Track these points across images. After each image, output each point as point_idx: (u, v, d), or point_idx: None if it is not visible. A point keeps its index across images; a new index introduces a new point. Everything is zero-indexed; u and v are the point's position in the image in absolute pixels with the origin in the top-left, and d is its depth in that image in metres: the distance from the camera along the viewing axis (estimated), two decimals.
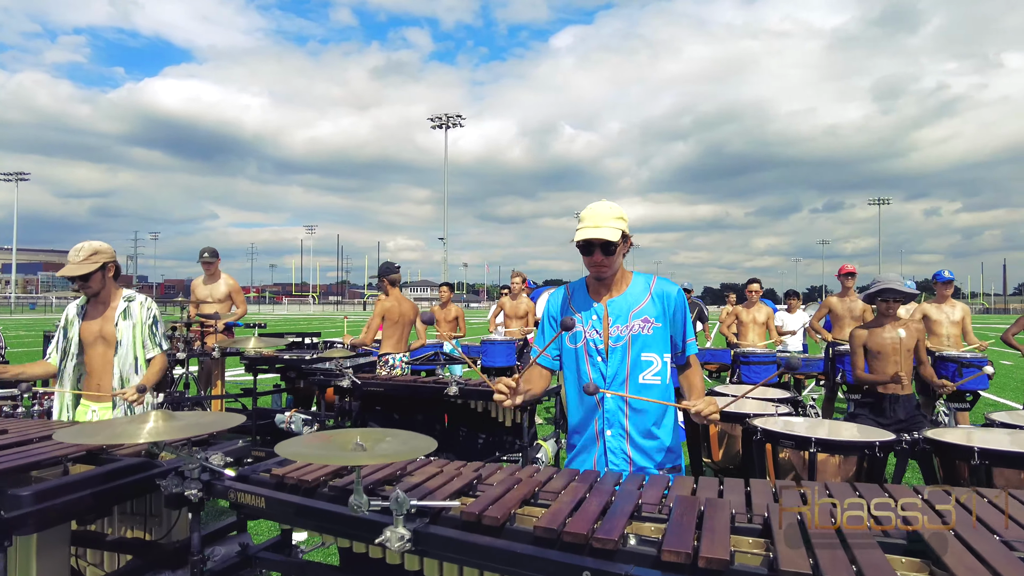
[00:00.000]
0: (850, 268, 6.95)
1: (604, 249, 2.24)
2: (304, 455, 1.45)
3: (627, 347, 2.28)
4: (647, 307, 2.31)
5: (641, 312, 2.30)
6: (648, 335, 2.28)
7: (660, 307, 2.31)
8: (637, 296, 2.33)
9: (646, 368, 2.28)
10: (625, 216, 2.30)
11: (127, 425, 1.80)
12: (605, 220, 2.24)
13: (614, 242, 2.23)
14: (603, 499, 1.64)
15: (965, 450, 3.11)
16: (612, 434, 2.31)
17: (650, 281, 2.38)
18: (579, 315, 2.37)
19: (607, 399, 2.30)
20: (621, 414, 2.31)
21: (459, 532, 1.54)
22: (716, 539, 1.38)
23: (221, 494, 1.88)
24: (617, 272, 2.35)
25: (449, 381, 4.12)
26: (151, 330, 3.34)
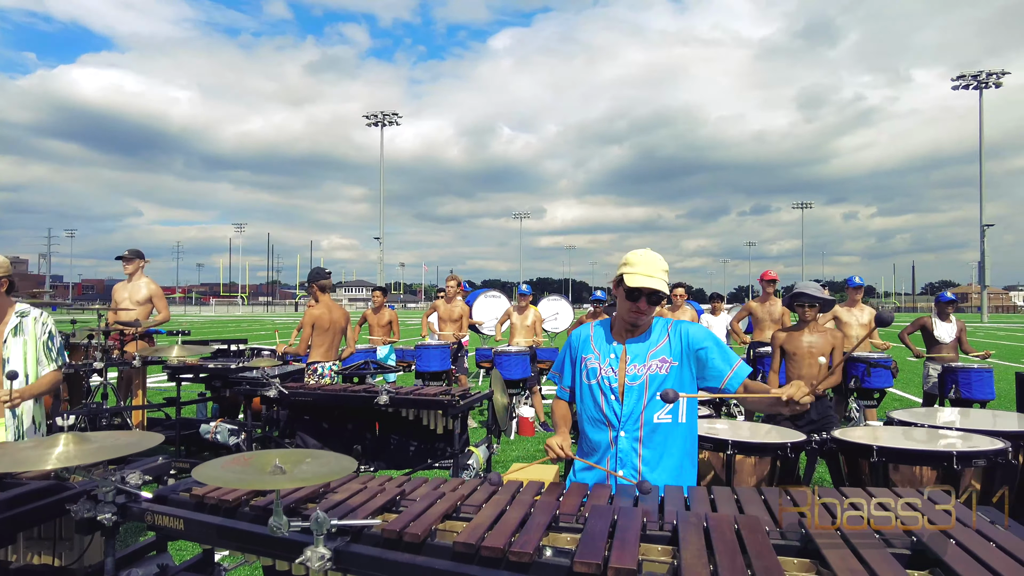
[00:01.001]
0: (772, 275, 7.31)
1: (650, 299, 2.30)
2: (222, 479, 1.44)
3: (644, 387, 2.32)
4: (664, 347, 2.36)
5: (659, 352, 2.35)
6: (665, 375, 2.32)
7: (677, 346, 2.35)
8: (656, 338, 2.39)
9: (660, 408, 2.31)
10: (667, 269, 2.36)
11: (32, 450, 1.72)
12: (657, 271, 2.30)
13: (663, 295, 2.31)
14: (522, 511, 1.70)
15: (865, 449, 3.34)
16: (624, 474, 2.32)
17: (667, 325, 2.44)
18: (597, 352, 2.42)
19: (621, 438, 2.32)
20: (635, 455, 2.32)
21: (380, 550, 1.56)
22: (626, 549, 1.45)
23: (138, 517, 1.83)
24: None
25: (380, 390, 4.10)
26: (47, 345, 3.17)
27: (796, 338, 4.23)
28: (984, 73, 43.27)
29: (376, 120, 55.06)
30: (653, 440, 2.32)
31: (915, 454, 3.27)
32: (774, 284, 7.33)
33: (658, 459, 2.33)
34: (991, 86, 43.41)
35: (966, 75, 43.92)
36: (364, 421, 4.67)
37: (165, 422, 5.85)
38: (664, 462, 2.34)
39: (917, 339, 7.01)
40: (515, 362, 7.23)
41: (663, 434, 2.33)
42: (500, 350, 7.44)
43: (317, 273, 5.64)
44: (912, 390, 10.44)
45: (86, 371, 4.93)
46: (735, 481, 3.49)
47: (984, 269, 41.55)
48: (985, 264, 41.42)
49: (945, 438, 3.54)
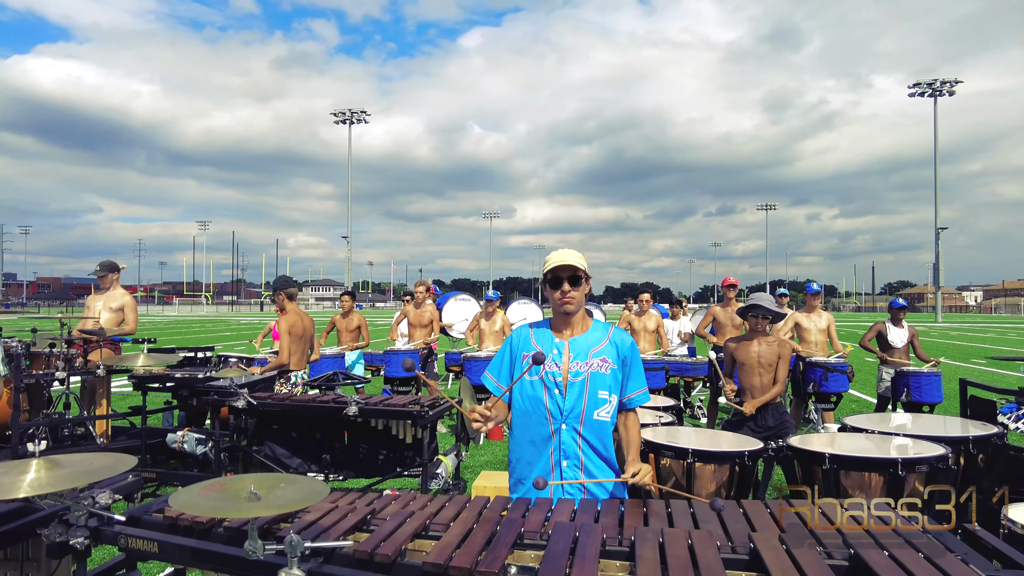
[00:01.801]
0: (732, 280, 7.52)
1: (572, 281, 2.43)
2: (199, 507, 1.49)
3: (585, 383, 2.41)
4: (606, 348, 2.46)
5: (600, 352, 2.45)
6: (605, 374, 2.43)
7: (615, 351, 2.47)
8: (597, 338, 2.49)
9: (601, 405, 2.42)
10: (584, 261, 2.49)
11: (3, 476, 1.74)
12: (570, 257, 2.44)
13: (580, 271, 2.44)
14: (489, 529, 1.78)
15: (818, 456, 3.51)
16: (568, 465, 2.42)
17: (608, 328, 2.56)
18: (539, 349, 2.45)
19: (563, 431, 2.41)
20: (575, 446, 2.42)
21: (352, 571, 1.62)
22: (585, 566, 1.54)
23: (110, 540, 1.86)
24: (579, 312, 2.50)
25: (349, 400, 4.13)
26: None
27: (746, 348, 4.40)
28: (939, 81, 44.78)
29: (344, 118, 54.54)
30: (592, 435, 2.43)
31: (864, 461, 3.44)
32: (735, 289, 7.54)
33: (599, 449, 2.45)
34: (945, 94, 44.94)
35: (922, 83, 45.41)
36: (333, 431, 4.69)
37: (130, 431, 5.77)
38: (606, 453, 2.47)
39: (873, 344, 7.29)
40: (484, 367, 7.29)
41: (602, 430, 2.45)
42: (469, 355, 7.50)
43: (285, 281, 5.62)
44: (867, 391, 10.81)
45: (47, 380, 4.85)
46: (695, 488, 3.62)
47: (939, 271, 43.00)
48: (939, 266, 42.87)
49: (893, 444, 3.73)
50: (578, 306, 2.48)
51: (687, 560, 1.56)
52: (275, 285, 5.62)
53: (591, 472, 2.42)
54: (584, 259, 2.49)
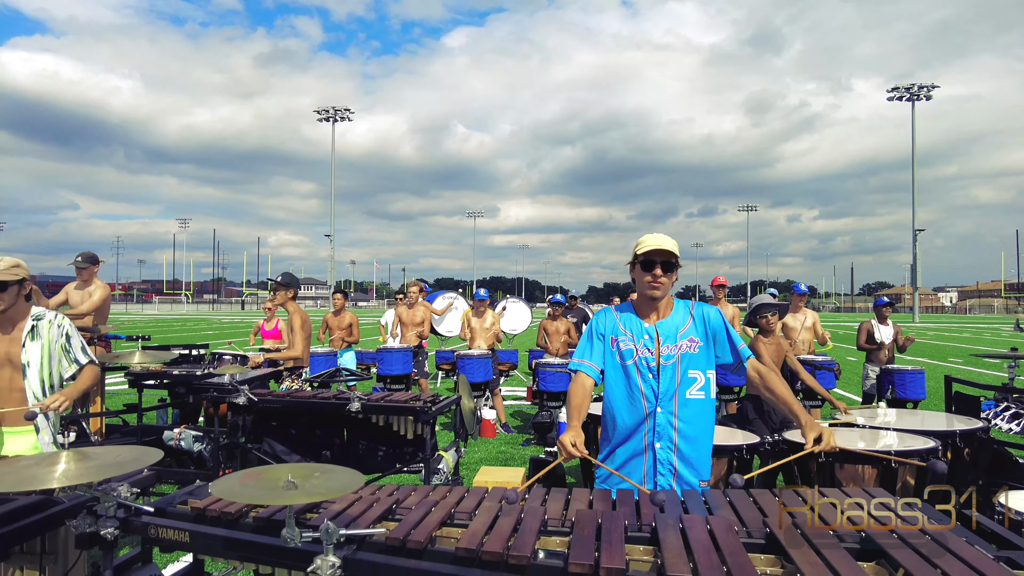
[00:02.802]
0: (721, 280, 7.64)
1: (664, 267, 2.48)
2: (240, 495, 1.52)
3: (676, 365, 2.49)
4: (691, 328, 2.54)
5: (687, 332, 2.53)
6: (694, 354, 2.51)
7: (702, 328, 2.55)
8: (682, 318, 2.57)
9: (692, 384, 2.50)
10: (677, 249, 2.52)
11: (34, 468, 1.76)
12: (666, 242, 2.48)
13: (675, 257, 2.48)
14: (514, 517, 1.83)
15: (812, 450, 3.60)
16: (661, 447, 2.50)
17: (689, 305, 2.62)
18: (629, 334, 2.56)
19: (658, 413, 2.49)
20: (671, 428, 2.50)
21: (385, 557, 1.67)
22: (613, 550, 1.60)
23: (139, 530, 1.89)
24: (665, 298, 2.56)
25: (352, 397, 4.16)
26: (64, 348, 3.15)
27: (755, 348, 4.49)
28: (916, 86, 45.60)
29: (328, 115, 54.20)
30: (686, 414, 2.51)
31: (859, 455, 3.54)
32: (724, 288, 7.66)
33: (691, 431, 2.52)
34: (922, 98, 45.77)
35: (900, 87, 46.20)
36: (333, 427, 4.71)
37: (123, 428, 5.74)
38: (697, 433, 2.54)
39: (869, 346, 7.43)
40: (477, 365, 7.34)
41: (695, 409, 2.52)
42: (462, 354, 7.54)
43: (293, 278, 5.64)
44: (852, 390, 11.01)
45: None
46: None
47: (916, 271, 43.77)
48: (917, 267, 43.64)
49: (884, 438, 3.84)
50: (665, 292, 2.53)
51: (709, 543, 1.62)
52: (283, 281, 5.58)
53: (683, 453, 2.51)
54: (676, 248, 2.52)
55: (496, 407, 7.73)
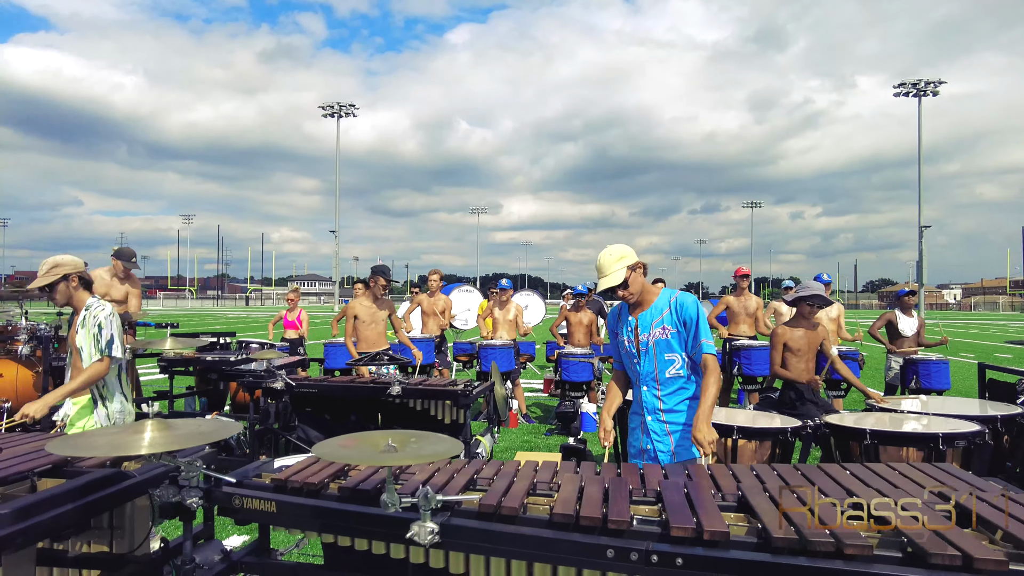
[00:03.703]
0: (745, 270, 7.61)
1: (620, 287, 2.87)
2: (342, 456, 1.52)
3: (652, 350, 2.90)
4: (666, 317, 2.90)
5: (661, 322, 2.90)
6: (666, 339, 2.88)
7: (675, 316, 2.88)
8: (659, 309, 2.92)
9: (670, 365, 2.90)
10: (626, 254, 2.88)
11: (123, 436, 1.76)
12: (609, 269, 2.85)
13: (617, 283, 2.85)
14: (599, 487, 1.83)
15: (859, 432, 3.60)
16: (652, 419, 2.95)
17: (671, 295, 2.95)
18: (622, 326, 3.02)
19: (644, 391, 2.95)
20: (656, 401, 2.94)
21: (480, 522, 1.66)
22: (712, 515, 1.60)
23: (223, 501, 1.88)
24: (641, 294, 2.94)
25: (392, 381, 4.15)
26: (95, 337, 3.19)
27: (797, 334, 4.49)
28: (923, 82, 45.41)
29: (332, 111, 54.15)
30: (666, 389, 2.92)
31: (905, 436, 3.53)
32: (748, 279, 7.64)
33: (673, 403, 2.93)
34: (929, 94, 45.60)
35: (906, 83, 46.02)
36: (368, 412, 4.72)
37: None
38: (678, 405, 2.93)
39: (882, 334, 7.42)
40: (500, 355, 7.34)
41: (674, 385, 2.92)
42: (485, 343, 7.53)
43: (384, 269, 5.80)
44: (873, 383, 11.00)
45: None
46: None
47: (922, 268, 43.68)
48: (923, 263, 43.55)
49: (927, 423, 3.83)
50: (637, 294, 2.93)
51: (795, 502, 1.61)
52: (378, 272, 5.73)
53: (673, 422, 2.91)
54: (623, 256, 2.87)
55: (517, 397, 7.72)
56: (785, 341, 4.46)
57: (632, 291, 2.89)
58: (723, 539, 1.52)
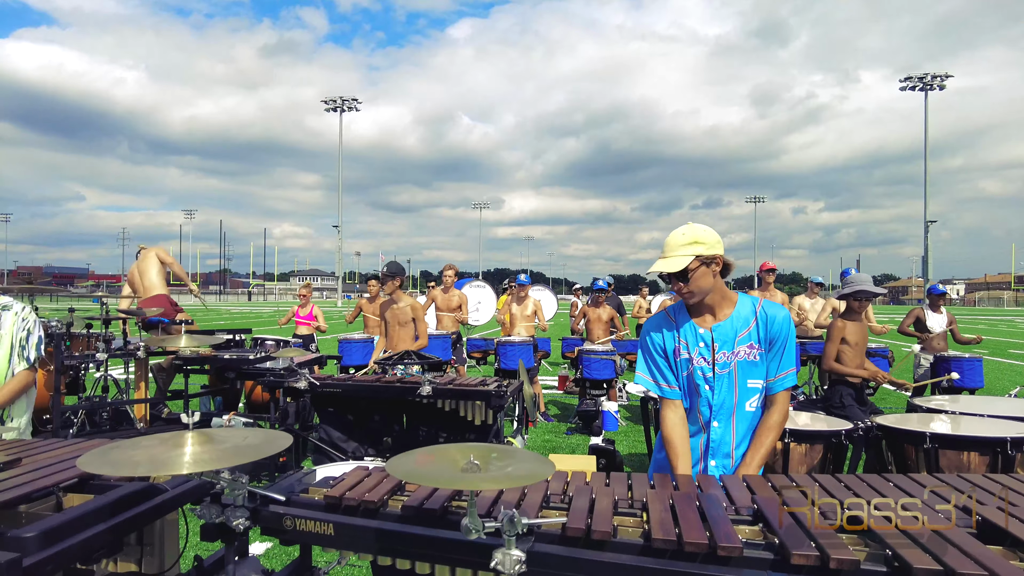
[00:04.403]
0: (771, 265, 7.42)
1: (679, 277, 2.23)
2: (422, 477, 1.34)
3: (733, 374, 2.26)
4: (752, 332, 2.26)
5: (747, 337, 2.26)
6: (754, 361, 2.26)
7: (763, 332, 2.26)
8: (744, 320, 2.28)
9: (752, 395, 2.29)
10: (703, 239, 2.22)
11: (163, 451, 1.56)
12: (674, 250, 2.22)
13: (683, 269, 2.20)
14: (690, 504, 1.64)
15: (917, 435, 3.41)
16: (716, 464, 2.33)
17: (756, 304, 2.31)
18: (684, 342, 2.32)
19: (714, 428, 2.30)
20: (729, 443, 2.31)
21: (566, 548, 1.48)
22: (830, 540, 1.41)
23: (272, 522, 1.70)
24: (713, 294, 2.27)
25: (422, 380, 3.97)
26: (21, 343, 2.90)
27: (854, 328, 4.32)
28: (930, 76, 45.07)
29: (335, 105, 53.88)
30: (742, 428, 2.32)
31: (969, 440, 3.34)
32: (773, 273, 7.45)
33: (745, 444, 2.34)
34: (936, 88, 45.27)
35: (913, 77, 45.68)
36: (393, 413, 4.54)
37: (165, 416, 5.56)
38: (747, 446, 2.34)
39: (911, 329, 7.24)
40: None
41: (750, 422, 2.33)
42: (502, 340, 7.35)
43: (398, 267, 5.51)
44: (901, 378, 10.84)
45: (88, 363, 4.64)
46: (788, 470, 3.51)
47: (927, 263, 43.44)
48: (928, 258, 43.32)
49: (988, 425, 3.63)
50: (700, 294, 2.26)
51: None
52: (391, 270, 5.37)
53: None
54: (697, 240, 2.22)
55: (536, 395, 7.55)
56: (844, 335, 4.28)
57: (692, 288, 2.23)
58: (852, 568, 1.34)
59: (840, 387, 4.33)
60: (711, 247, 2.22)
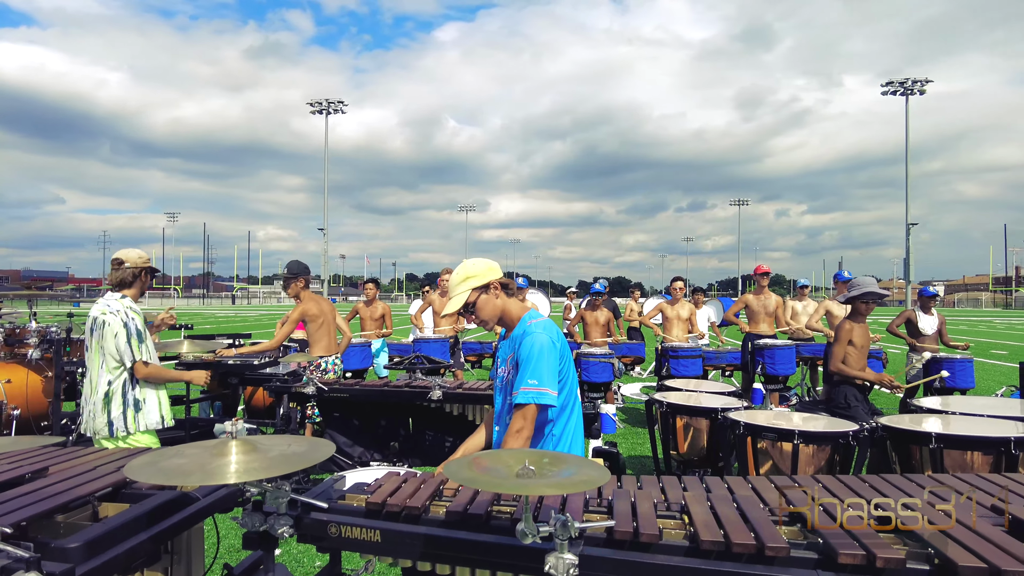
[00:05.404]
0: (765, 268, 7.51)
1: (467, 311, 2.37)
2: (479, 482, 1.35)
3: (504, 387, 2.37)
4: (515, 350, 2.31)
5: (513, 358, 2.31)
6: (512, 378, 2.29)
7: (516, 351, 2.29)
8: (514, 340, 2.35)
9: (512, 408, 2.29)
10: (472, 273, 2.33)
11: (209, 460, 1.56)
12: (454, 290, 2.36)
13: (464, 304, 2.34)
14: (730, 506, 1.67)
15: (923, 436, 3.47)
16: None
17: (525, 324, 2.34)
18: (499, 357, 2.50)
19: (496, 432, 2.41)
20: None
21: (616, 551, 1.50)
22: (873, 539, 1.45)
23: (316, 529, 1.70)
24: (507, 318, 2.38)
25: (432, 385, 3.98)
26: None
27: (860, 331, 4.38)
28: (911, 80, 45.78)
29: (320, 107, 53.56)
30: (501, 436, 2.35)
31: (974, 440, 3.41)
32: (767, 277, 7.53)
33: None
34: (916, 92, 45.99)
35: (894, 81, 46.38)
36: (398, 417, 4.54)
37: None
38: None
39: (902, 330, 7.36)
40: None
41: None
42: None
43: (301, 267, 5.28)
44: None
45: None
46: (797, 471, 3.56)
47: (909, 265, 44.07)
48: (910, 260, 43.93)
49: (989, 424, 3.71)
50: (492, 319, 2.36)
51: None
52: (292, 271, 5.18)
53: None
54: (469, 276, 2.33)
55: None
56: (852, 337, 4.34)
57: (482, 317, 2.35)
58: (899, 567, 1.37)
59: (845, 388, 4.39)
60: (482, 277, 2.34)
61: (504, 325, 2.41)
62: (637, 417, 7.80)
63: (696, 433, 4.43)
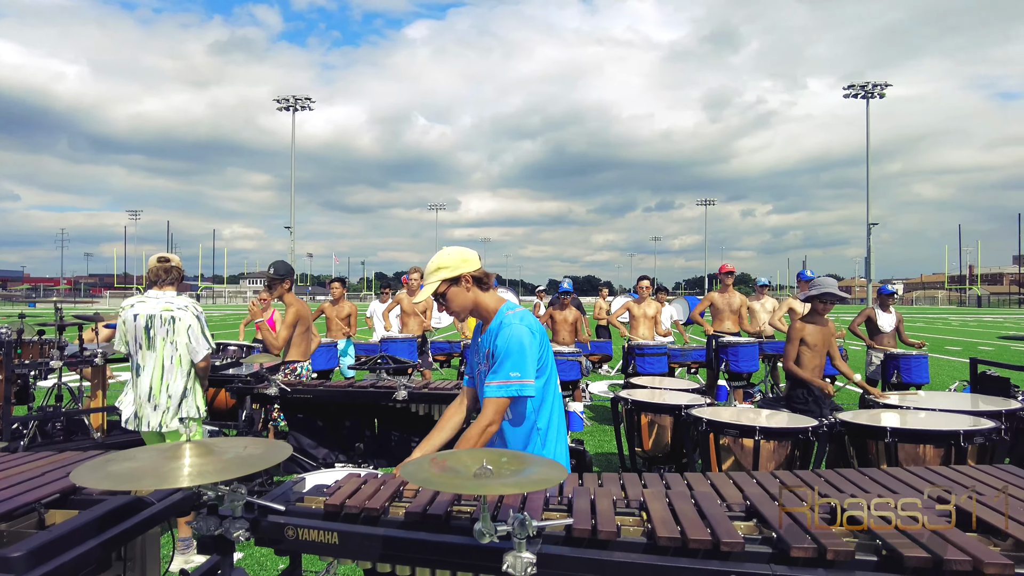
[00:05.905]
0: (729, 267, 7.63)
1: (439, 300, 2.37)
2: (437, 483, 1.34)
3: (480, 380, 2.36)
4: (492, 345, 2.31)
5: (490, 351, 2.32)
6: (487, 371, 2.30)
7: (489, 345, 2.31)
8: (490, 334, 2.35)
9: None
10: (445, 264, 2.31)
11: (161, 463, 1.52)
12: (426, 279, 2.35)
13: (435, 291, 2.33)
14: (688, 502, 1.69)
15: (878, 431, 3.57)
16: None
17: (500, 317, 2.34)
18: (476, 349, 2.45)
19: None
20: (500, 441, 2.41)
21: (572, 549, 1.51)
22: (829, 536, 1.48)
23: (272, 532, 1.67)
24: (479, 308, 2.36)
25: (398, 385, 3.95)
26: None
27: (814, 331, 4.46)
28: (871, 84, 47.02)
29: (288, 104, 52.78)
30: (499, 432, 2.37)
31: (926, 434, 3.52)
32: (732, 276, 7.66)
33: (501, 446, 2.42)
34: (876, 96, 47.24)
35: (855, 85, 47.58)
36: (364, 418, 4.50)
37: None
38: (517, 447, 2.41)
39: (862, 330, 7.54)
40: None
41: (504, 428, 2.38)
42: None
43: (288, 269, 5.16)
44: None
45: (41, 370, 4.45)
46: (759, 467, 3.63)
47: (870, 264, 45.26)
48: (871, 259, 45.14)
49: (943, 419, 3.83)
50: (462, 310, 2.37)
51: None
52: (277, 271, 5.11)
53: None
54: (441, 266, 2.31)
55: None
56: (803, 336, 4.43)
57: (451, 308, 2.34)
58: (848, 559, 1.41)
59: (801, 386, 4.48)
60: (454, 268, 2.31)
61: (480, 318, 2.40)
62: (604, 415, 7.85)
63: (660, 430, 4.48)
